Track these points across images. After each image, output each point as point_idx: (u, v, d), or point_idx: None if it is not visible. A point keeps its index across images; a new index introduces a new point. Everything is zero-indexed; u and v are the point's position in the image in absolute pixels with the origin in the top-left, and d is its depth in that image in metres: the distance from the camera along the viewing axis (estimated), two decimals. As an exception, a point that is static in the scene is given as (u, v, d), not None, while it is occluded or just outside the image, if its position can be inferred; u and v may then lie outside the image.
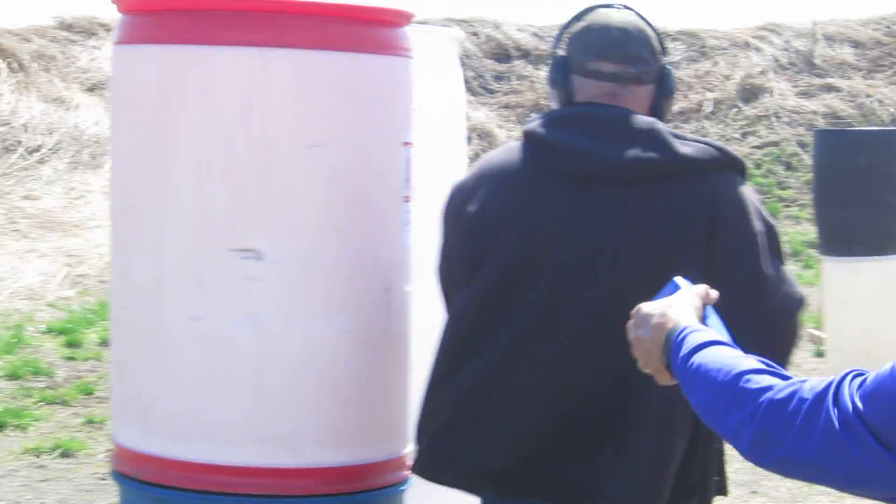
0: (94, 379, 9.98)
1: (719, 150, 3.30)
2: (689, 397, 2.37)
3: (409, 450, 3.72)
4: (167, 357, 3.50)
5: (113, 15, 3.71)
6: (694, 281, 2.64)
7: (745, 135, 19.24)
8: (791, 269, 3.36)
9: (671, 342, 2.45)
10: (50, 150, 16.67)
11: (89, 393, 9.53)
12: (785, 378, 2.22)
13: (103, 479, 7.44)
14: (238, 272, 3.44)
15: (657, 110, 3.37)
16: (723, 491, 3.48)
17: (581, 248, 3.23)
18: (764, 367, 2.26)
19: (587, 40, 3.35)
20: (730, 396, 2.24)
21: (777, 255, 3.26)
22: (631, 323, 2.57)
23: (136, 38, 3.61)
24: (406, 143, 3.67)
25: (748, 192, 3.29)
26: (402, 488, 3.70)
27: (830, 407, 2.10)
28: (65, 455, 8.05)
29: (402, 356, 3.69)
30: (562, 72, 3.38)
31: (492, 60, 20.83)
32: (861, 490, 2.18)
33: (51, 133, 16.97)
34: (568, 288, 3.24)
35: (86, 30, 20.03)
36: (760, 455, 2.21)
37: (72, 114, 17.63)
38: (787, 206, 17.82)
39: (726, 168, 3.29)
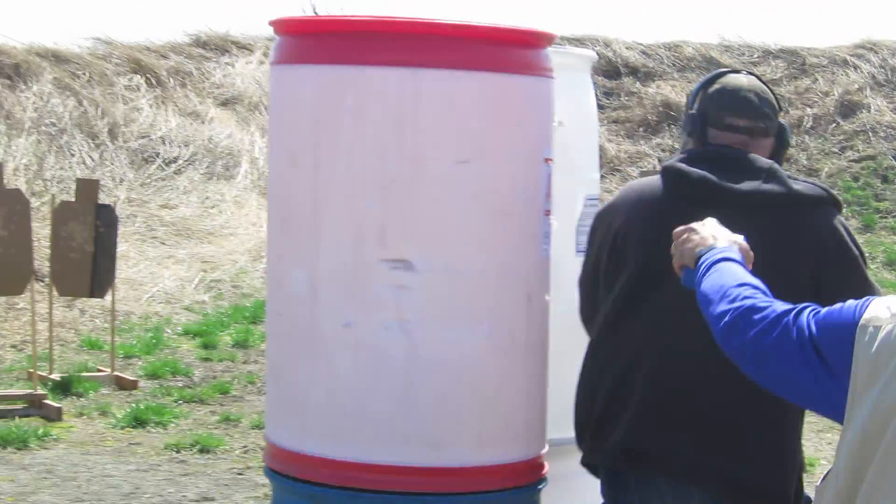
0: (229, 379, 10.10)
1: (825, 189, 3.70)
2: (698, 290, 2.92)
3: (546, 450, 3.75)
4: (321, 361, 3.55)
5: (246, 33, 3.78)
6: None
7: (843, 149, 19.14)
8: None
9: (708, 250, 3.01)
10: (186, 161, 16.88)
11: (225, 392, 9.66)
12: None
13: (240, 475, 7.54)
14: (389, 282, 3.48)
15: (776, 158, 3.75)
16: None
17: None
18: (761, 289, 2.79)
19: (723, 99, 3.72)
20: (724, 293, 2.80)
21: (867, 275, 3.69)
22: (683, 235, 3.11)
23: (293, 59, 3.67)
24: (547, 160, 3.69)
25: (845, 224, 3.68)
26: (539, 487, 3.72)
27: (791, 321, 2.62)
28: (203, 451, 8.15)
29: (541, 362, 3.71)
30: (699, 125, 3.73)
31: (602, 77, 20.93)
32: (793, 395, 2.71)
33: (186, 145, 17.19)
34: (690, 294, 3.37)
35: (219, 47, 20.26)
36: (727, 340, 2.74)
37: (206, 127, 17.85)
38: (884, 217, 17.70)
39: (830, 205, 3.66)
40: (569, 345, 4.22)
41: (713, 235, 3.06)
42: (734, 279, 2.86)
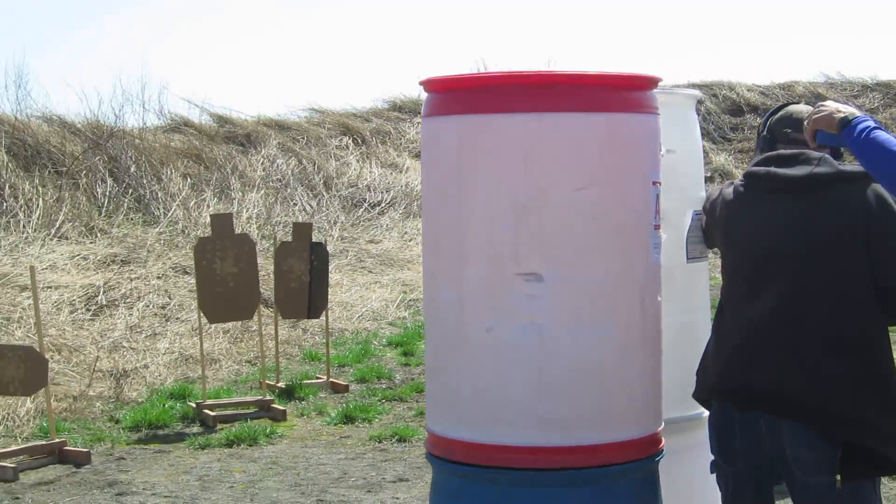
0: (425, 380, 10.11)
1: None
2: (864, 153, 3.46)
3: (661, 427, 3.66)
4: (467, 360, 3.53)
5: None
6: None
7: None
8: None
9: (853, 119, 3.51)
10: (387, 204, 17.09)
11: (420, 391, 9.67)
12: None
13: (431, 459, 7.52)
14: (523, 291, 3.45)
15: None
16: None
17: (778, 235, 3.73)
18: None
19: (789, 121, 3.91)
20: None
21: None
22: (815, 111, 3.63)
23: (439, 111, 3.65)
24: (655, 183, 3.62)
25: (886, 193, 3.70)
26: (656, 459, 3.64)
27: None
28: (401, 440, 8.17)
29: (654, 353, 3.63)
30: (770, 143, 3.93)
31: (728, 115, 20.97)
32: None
33: (387, 191, 17.41)
34: (773, 260, 3.74)
35: (412, 109, 20.50)
36: None
37: (403, 175, 18.06)
38: None
39: (872, 179, 3.68)
40: (681, 340, 4.15)
41: (839, 108, 3.58)
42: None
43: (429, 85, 3.70)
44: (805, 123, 3.68)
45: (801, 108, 3.96)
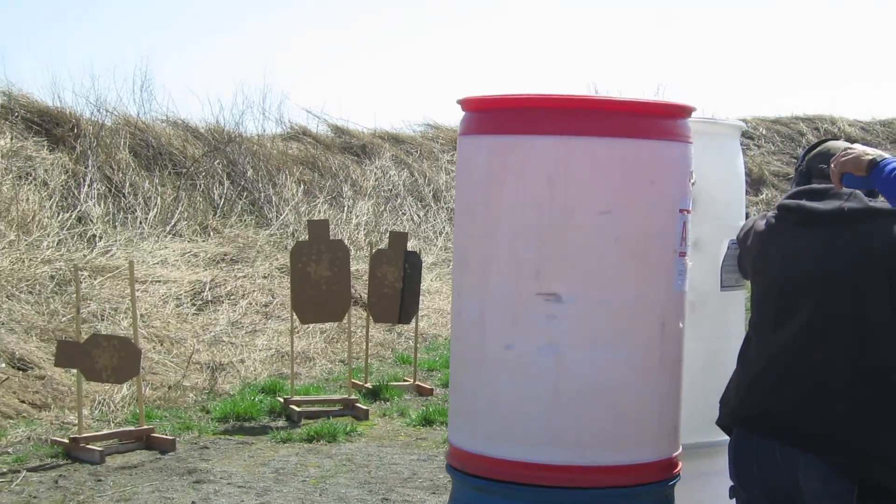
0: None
1: None
2: (892, 192, 3.35)
3: (679, 451, 3.54)
4: (486, 376, 3.44)
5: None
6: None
7: None
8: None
9: (881, 161, 3.40)
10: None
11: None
12: None
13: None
14: (542, 311, 3.35)
15: None
16: None
17: (805, 267, 3.61)
18: None
19: (825, 157, 3.77)
20: None
21: None
22: (843, 154, 3.51)
23: (472, 130, 3.58)
24: (683, 210, 3.49)
25: None
26: (671, 483, 3.50)
27: None
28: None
29: (674, 377, 3.50)
30: (805, 178, 3.82)
31: (830, 150, 20.60)
32: None
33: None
34: (799, 291, 3.61)
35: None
36: None
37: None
38: None
39: None
40: (711, 366, 4.02)
41: (866, 151, 3.47)
42: None
43: (464, 104, 3.63)
44: (832, 165, 3.56)
45: (839, 145, 3.83)
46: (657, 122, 3.45)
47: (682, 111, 3.56)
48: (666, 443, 3.48)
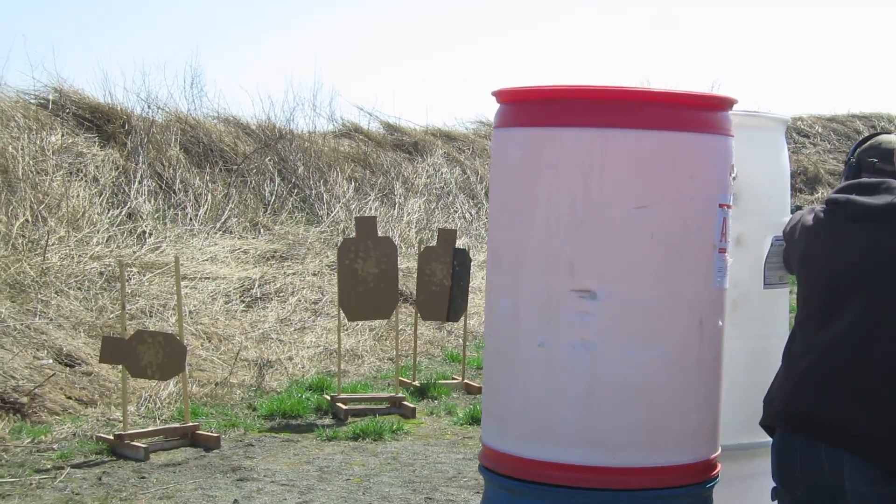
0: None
1: None
2: None
3: (717, 453, 3.45)
4: (519, 374, 3.38)
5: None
6: None
7: None
8: None
9: None
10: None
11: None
12: None
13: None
14: (576, 308, 3.28)
15: None
16: None
17: (854, 263, 3.52)
18: None
19: (874, 151, 3.74)
20: None
21: None
22: None
23: (507, 123, 3.52)
24: (723, 206, 3.40)
25: None
26: (709, 485, 3.42)
27: None
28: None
29: (712, 377, 3.41)
30: (855, 172, 3.77)
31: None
32: None
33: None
34: (848, 287, 3.52)
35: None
36: None
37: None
38: None
39: None
40: (754, 365, 3.94)
41: None
42: None
43: (499, 96, 3.56)
44: None
45: (892, 139, 3.77)
46: (696, 114, 3.37)
47: (723, 103, 3.47)
48: (703, 444, 3.40)
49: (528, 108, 3.45)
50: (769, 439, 3.74)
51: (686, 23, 39.05)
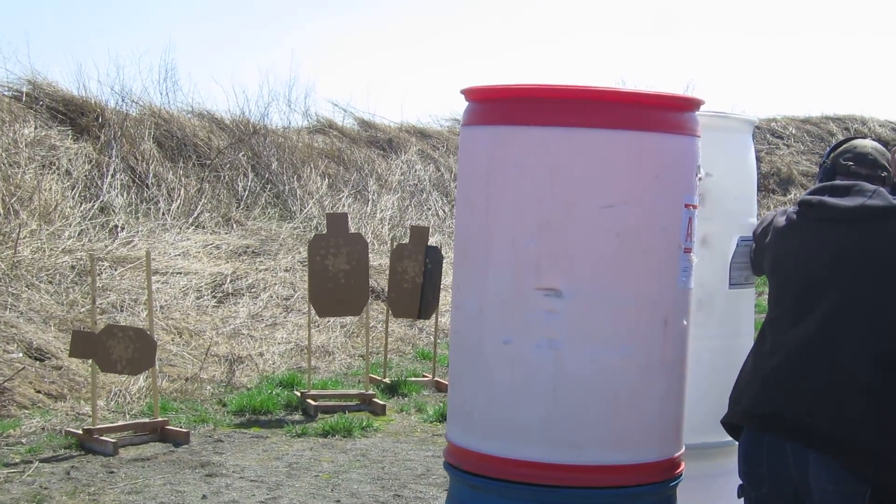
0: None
1: None
2: None
3: (681, 452, 3.47)
4: (484, 372, 3.38)
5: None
6: None
7: None
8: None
9: None
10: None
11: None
12: None
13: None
14: (542, 307, 3.29)
15: None
16: None
17: (824, 264, 3.57)
18: None
19: (851, 155, 3.77)
20: None
21: None
22: None
23: (475, 121, 3.52)
24: (688, 206, 3.41)
25: None
26: (672, 484, 3.43)
27: None
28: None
29: (676, 376, 3.42)
30: (829, 174, 3.79)
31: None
32: None
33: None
34: (818, 287, 3.56)
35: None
36: None
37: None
38: None
39: None
40: (719, 364, 3.96)
41: None
42: None
43: (467, 94, 3.56)
44: (894, 157, 3.56)
45: (866, 143, 3.82)
46: (663, 114, 3.38)
47: (690, 104, 3.48)
48: (667, 442, 3.41)
49: (495, 106, 3.45)
50: (731, 439, 3.77)
51: (661, 24, 39.15)
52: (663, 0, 39.79)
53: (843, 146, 3.84)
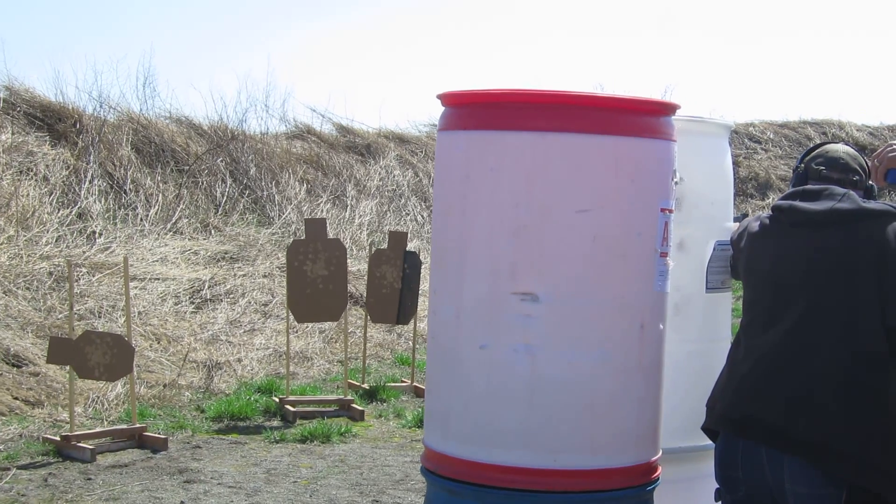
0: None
1: (892, 206, 3.56)
2: None
3: (658, 456, 3.47)
4: (461, 377, 3.38)
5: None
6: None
7: None
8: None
9: None
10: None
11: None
12: None
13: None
14: (518, 311, 3.29)
15: None
16: None
17: (796, 268, 3.58)
18: None
19: (823, 160, 3.78)
20: None
21: None
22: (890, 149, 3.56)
23: (451, 126, 3.52)
24: (664, 210, 3.42)
25: None
26: (649, 488, 3.43)
27: None
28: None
29: (653, 380, 3.43)
30: (802, 179, 3.80)
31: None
32: None
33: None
34: (791, 291, 3.57)
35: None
36: None
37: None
38: None
39: (894, 217, 3.53)
40: (696, 368, 3.97)
41: None
42: None
43: (443, 99, 3.57)
44: (874, 161, 3.59)
45: (838, 148, 3.83)
46: (639, 119, 3.39)
47: (666, 108, 3.49)
48: (644, 447, 3.41)
49: (471, 111, 3.45)
50: (710, 443, 3.77)
51: (640, 28, 39.26)
52: (642, 4, 39.90)
53: (816, 151, 3.86)
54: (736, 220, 4.25)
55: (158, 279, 11.01)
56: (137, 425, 7.78)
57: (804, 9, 41.52)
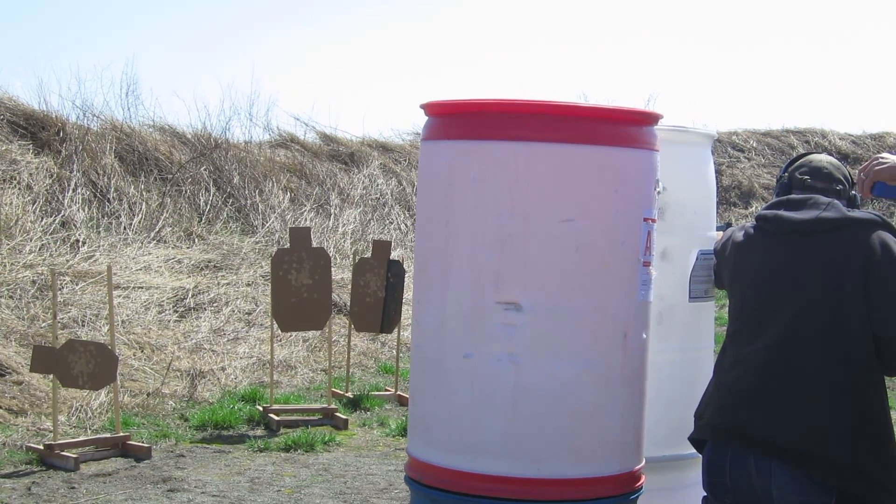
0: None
1: (877, 215, 3.62)
2: None
3: (641, 465, 3.47)
4: (444, 386, 3.38)
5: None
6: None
7: None
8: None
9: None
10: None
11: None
12: None
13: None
14: (501, 320, 3.29)
15: None
16: None
17: (782, 277, 3.59)
18: None
19: (807, 169, 3.79)
20: None
21: None
22: (876, 162, 3.53)
23: (434, 135, 3.52)
24: (647, 219, 3.43)
25: (893, 240, 3.55)
26: (633, 497, 3.44)
27: None
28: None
29: (636, 389, 3.44)
30: (786, 188, 3.81)
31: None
32: None
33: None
34: (776, 300, 3.59)
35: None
36: None
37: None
38: None
39: (879, 226, 3.58)
40: (679, 377, 3.98)
41: None
42: None
43: (427, 108, 3.57)
44: (860, 174, 3.59)
45: (822, 158, 3.86)
46: (621, 128, 3.39)
47: (649, 118, 3.50)
48: (627, 455, 3.41)
49: (454, 121, 3.45)
50: (694, 451, 3.78)
51: (624, 38, 39.34)
52: (625, 13, 39.99)
53: (800, 160, 3.87)
54: (719, 229, 4.26)
55: (142, 288, 10.98)
56: (121, 434, 7.75)
57: (787, 18, 41.68)
